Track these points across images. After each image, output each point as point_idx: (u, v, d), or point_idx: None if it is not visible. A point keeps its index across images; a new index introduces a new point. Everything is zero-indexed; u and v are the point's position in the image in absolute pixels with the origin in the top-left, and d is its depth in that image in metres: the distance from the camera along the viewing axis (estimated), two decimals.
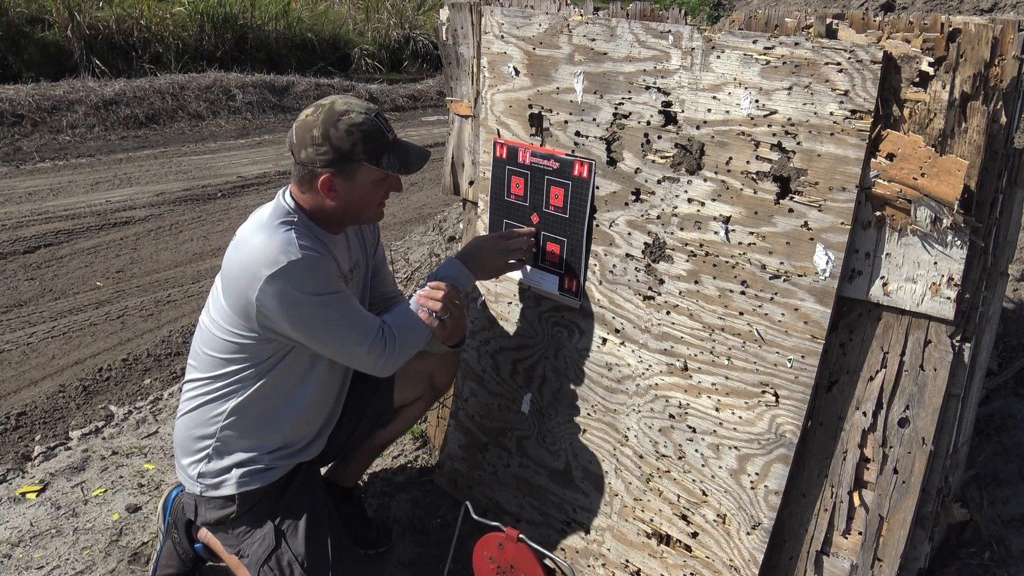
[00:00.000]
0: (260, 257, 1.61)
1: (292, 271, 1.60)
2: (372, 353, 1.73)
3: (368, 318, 1.75)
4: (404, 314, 1.81)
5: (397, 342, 1.76)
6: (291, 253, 1.60)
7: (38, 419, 3.05)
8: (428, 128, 9.25)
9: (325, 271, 1.67)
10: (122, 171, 6.54)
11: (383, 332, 1.74)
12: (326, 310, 1.67)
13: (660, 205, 1.73)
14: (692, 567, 1.82)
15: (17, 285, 4.26)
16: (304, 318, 1.66)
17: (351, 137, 1.64)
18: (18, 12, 8.78)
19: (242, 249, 1.67)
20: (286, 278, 1.60)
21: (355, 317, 1.72)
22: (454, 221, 4.70)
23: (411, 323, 1.79)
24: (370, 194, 1.73)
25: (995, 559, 1.91)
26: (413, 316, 1.79)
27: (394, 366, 1.79)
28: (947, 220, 1.37)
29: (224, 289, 1.70)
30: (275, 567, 1.76)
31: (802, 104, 1.46)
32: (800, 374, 1.57)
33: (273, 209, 1.72)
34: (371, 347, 1.72)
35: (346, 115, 1.64)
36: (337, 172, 1.67)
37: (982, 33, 1.28)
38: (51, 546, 2.27)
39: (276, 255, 1.60)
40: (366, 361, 1.75)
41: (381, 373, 1.79)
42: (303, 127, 1.66)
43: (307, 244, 1.64)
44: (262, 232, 1.65)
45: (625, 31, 1.70)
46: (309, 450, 1.91)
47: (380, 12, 13.06)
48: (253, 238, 1.66)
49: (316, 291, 1.64)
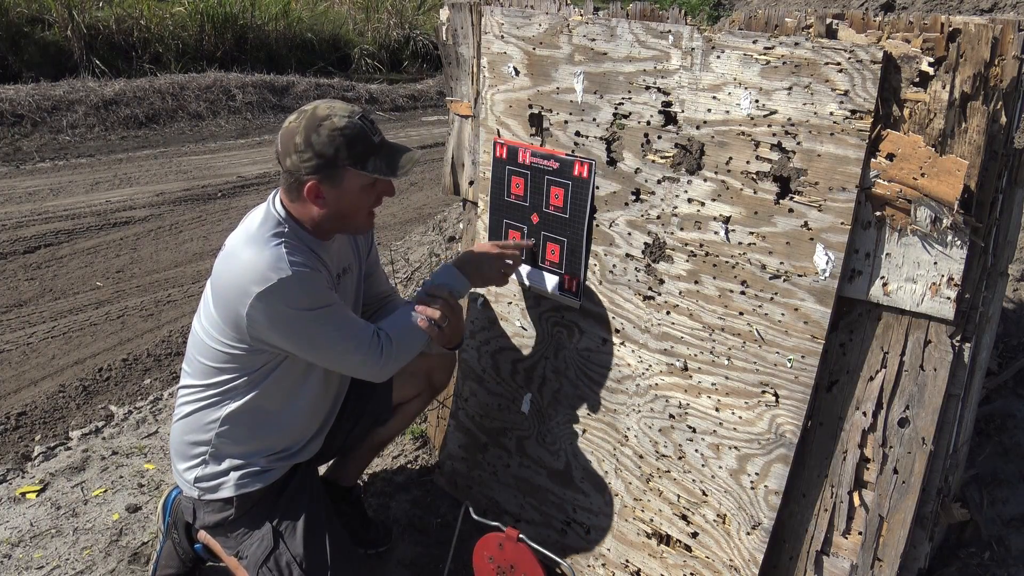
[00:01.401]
0: (250, 274, 1.59)
1: (282, 288, 1.58)
2: (367, 361, 1.73)
3: (361, 326, 1.74)
4: (401, 321, 1.80)
5: (393, 349, 1.75)
6: (281, 271, 1.58)
7: (38, 419, 3.05)
8: (428, 128, 9.25)
9: (316, 285, 1.65)
10: (122, 171, 6.54)
11: (378, 338, 1.74)
12: (318, 323, 1.65)
13: (660, 205, 1.73)
14: (692, 567, 1.82)
15: (17, 285, 4.26)
16: (296, 332, 1.65)
17: (334, 142, 1.60)
18: (18, 12, 8.78)
19: (232, 262, 1.64)
20: (277, 295, 1.58)
21: (348, 327, 1.71)
22: (454, 221, 4.70)
23: (408, 330, 1.79)
24: (359, 200, 1.69)
25: (995, 559, 1.91)
26: (410, 323, 1.79)
27: (391, 372, 1.79)
28: (947, 220, 1.37)
29: (214, 300, 1.68)
30: (274, 568, 1.76)
31: (802, 104, 1.46)
32: (800, 374, 1.57)
33: (263, 219, 1.68)
34: (366, 355, 1.72)
35: (328, 120, 1.60)
36: (323, 179, 1.63)
37: (982, 33, 1.28)
38: (51, 546, 2.27)
39: (266, 272, 1.58)
40: (362, 369, 1.75)
41: (378, 379, 1.79)
42: (287, 134, 1.63)
43: (297, 259, 1.62)
44: (252, 246, 1.63)
45: (625, 31, 1.70)
46: (306, 451, 1.91)
47: (380, 12, 13.06)
48: (243, 252, 1.63)
49: (307, 306, 1.63)
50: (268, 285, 1.57)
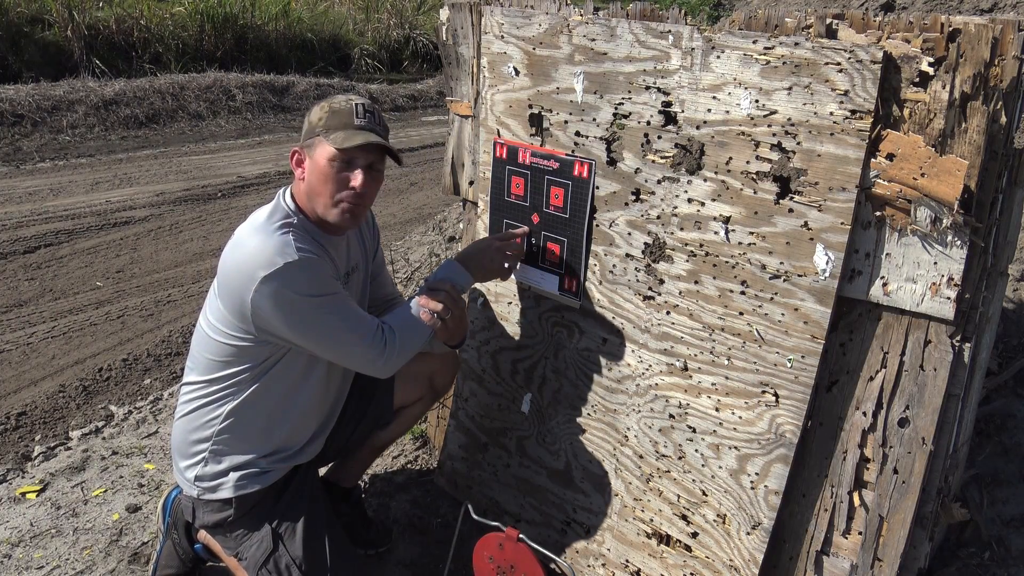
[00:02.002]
0: (257, 258, 1.60)
1: (288, 273, 1.59)
2: (370, 354, 1.72)
3: (366, 319, 1.74)
4: (405, 315, 1.80)
5: (397, 342, 1.75)
6: (288, 255, 1.60)
7: (38, 419, 3.05)
8: (428, 128, 9.25)
9: (322, 273, 1.66)
10: (122, 171, 6.54)
11: (382, 332, 1.74)
12: (323, 312, 1.66)
13: (660, 205, 1.73)
14: (692, 567, 1.82)
15: (17, 285, 4.26)
16: (301, 320, 1.65)
17: (322, 111, 1.69)
18: (18, 12, 8.79)
19: (238, 250, 1.66)
20: (282, 279, 1.59)
21: (353, 318, 1.72)
22: (454, 221, 4.70)
23: (412, 323, 1.79)
24: (325, 173, 1.66)
25: (995, 559, 1.91)
26: (414, 317, 1.79)
27: (394, 367, 1.78)
28: (947, 220, 1.37)
29: (220, 290, 1.69)
30: (273, 570, 1.76)
31: (802, 104, 1.46)
32: (800, 374, 1.57)
33: (272, 210, 1.71)
34: (369, 347, 1.72)
35: (332, 100, 1.71)
36: (304, 146, 1.71)
37: (982, 33, 1.28)
38: (51, 546, 2.27)
39: (272, 256, 1.59)
40: (364, 362, 1.75)
41: (381, 374, 1.78)
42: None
43: (304, 247, 1.64)
44: (259, 234, 1.64)
45: (625, 31, 1.70)
46: (306, 452, 1.91)
47: (380, 12, 13.07)
48: (250, 239, 1.65)
49: (312, 293, 1.63)
50: (274, 269, 1.58)
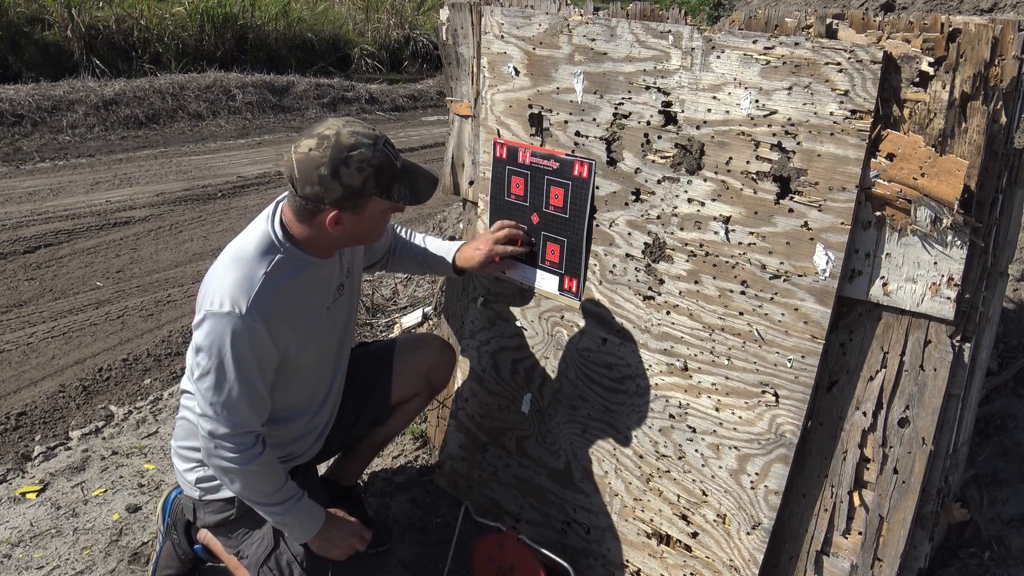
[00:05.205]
0: (217, 293, 1.58)
1: (229, 323, 1.56)
2: (211, 441, 1.62)
3: (244, 420, 1.63)
4: (275, 472, 1.69)
5: (236, 467, 1.63)
6: (239, 306, 1.56)
7: (38, 419, 3.05)
8: (428, 128, 9.25)
9: (255, 346, 1.59)
10: (122, 171, 6.54)
11: (242, 441, 1.63)
12: (225, 378, 1.58)
13: (660, 205, 1.73)
14: (692, 567, 1.82)
15: (17, 285, 4.26)
16: (204, 365, 1.59)
17: (363, 173, 1.55)
18: (18, 12, 8.78)
19: (212, 276, 1.63)
20: (219, 324, 1.56)
21: (237, 407, 1.61)
22: (454, 221, 4.70)
23: (268, 481, 1.68)
24: (378, 223, 1.68)
25: (995, 559, 1.91)
26: (277, 482, 1.69)
27: (208, 462, 1.68)
28: (947, 220, 1.37)
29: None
30: (274, 567, 1.76)
31: (802, 104, 1.46)
32: (800, 374, 1.57)
33: (258, 243, 1.64)
34: (218, 438, 1.62)
35: (356, 150, 1.54)
36: (345, 208, 1.59)
37: (982, 33, 1.28)
38: (51, 546, 2.27)
39: (229, 299, 1.56)
40: (202, 438, 1.65)
41: (203, 450, 1.68)
42: (308, 163, 1.54)
43: (265, 305, 1.58)
44: (238, 269, 1.60)
45: (625, 31, 1.70)
46: (305, 454, 1.92)
47: (380, 12, 13.07)
48: (229, 272, 1.60)
49: (235, 355, 1.57)
50: (221, 311, 1.56)
